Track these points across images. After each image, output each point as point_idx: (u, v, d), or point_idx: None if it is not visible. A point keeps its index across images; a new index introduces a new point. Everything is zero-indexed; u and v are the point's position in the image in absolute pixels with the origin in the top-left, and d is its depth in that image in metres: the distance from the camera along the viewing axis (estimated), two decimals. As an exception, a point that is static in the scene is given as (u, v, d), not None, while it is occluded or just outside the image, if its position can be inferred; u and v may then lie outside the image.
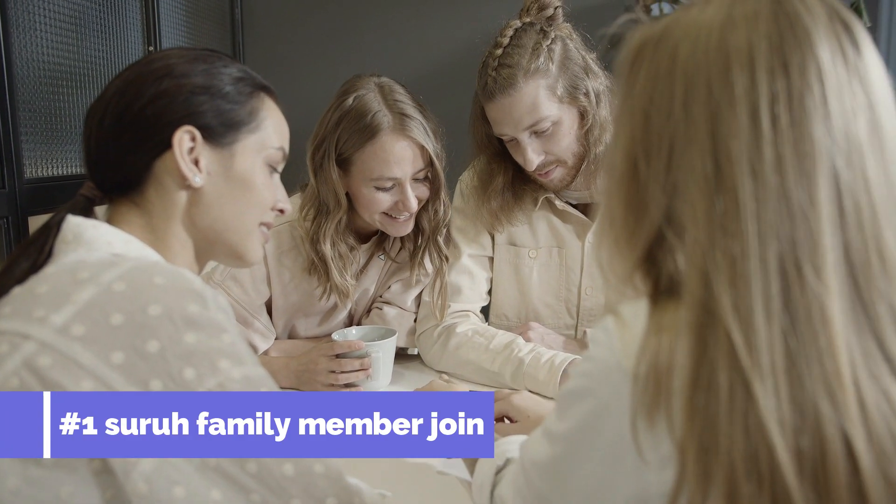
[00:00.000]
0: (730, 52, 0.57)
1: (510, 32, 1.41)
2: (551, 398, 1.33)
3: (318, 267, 1.46)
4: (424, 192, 1.45)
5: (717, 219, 0.55)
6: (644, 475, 0.59)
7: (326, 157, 1.40)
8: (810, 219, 0.54)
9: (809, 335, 0.53)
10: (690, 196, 0.57)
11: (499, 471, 0.87)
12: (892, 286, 0.56)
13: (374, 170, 1.39)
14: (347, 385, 1.39)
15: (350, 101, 1.39)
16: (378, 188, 1.41)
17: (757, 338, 0.53)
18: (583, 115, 1.44)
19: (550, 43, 1.40)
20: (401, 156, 1.38)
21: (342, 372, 1.37)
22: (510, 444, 0.91)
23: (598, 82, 1.44)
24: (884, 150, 0.57)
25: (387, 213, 1.44)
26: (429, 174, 1.45)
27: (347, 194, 1.45)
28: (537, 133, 1.41)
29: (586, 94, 1.42)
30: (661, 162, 0.59)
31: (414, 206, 1.42)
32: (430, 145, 1.41)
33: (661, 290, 0.61)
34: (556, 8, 1.44)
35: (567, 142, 1.44)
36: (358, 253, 1.53)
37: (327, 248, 1.44)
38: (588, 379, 0.63)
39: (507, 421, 1.15)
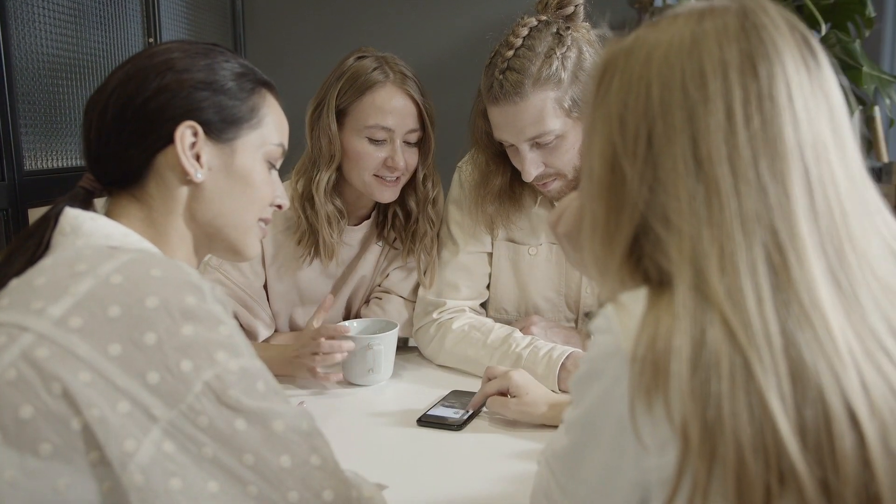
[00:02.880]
0: (703, 57, 0.61)
1: (524, 32, 1.34)
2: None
3: (306, 232, 1.47)
4: (414, 157, 1.47)
5: (701, 211, 0.59)
6: (644, 461, 0.60)
7: (326, 109, 1.43)
8: (787, 211, 0.58)
9: (803, 316, 0.57)
10: (674, 191, 0.61)
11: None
12: (868, 274, 0.59)
13: (369, 117, 1.41)
14: (343, 376, 1.39)
15: (352, 60, 1.45)
16: (370, 140, 1.42)
17: (751, 319, 0.56)
18: None
19: (566, 50, 1.32)
20: (396, 107, 1.42)
21: (325, 354, 1.34)
22: None
23: None
24: (844, 149, 0.62)
25: (376, 175, 1.45)
26: (420, 140, 1.47)
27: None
28: (539, 145, 1.36)
29: None
30: (641, 159, 0.63)
31: (402, 164, 1.44)
32: (426, 106, 1.45)
33: (653, 281, 0.63)
34: (577, 6, 1.37)
35: (569, 156, 1.38)
36: (345, 222, 1.52)
37: (318, 201, 1.44)
38: (592, 365, 0.64)
39: (510, 396, 1.21)
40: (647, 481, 0.61)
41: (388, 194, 1.47)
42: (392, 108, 1.42)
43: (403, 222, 1.56)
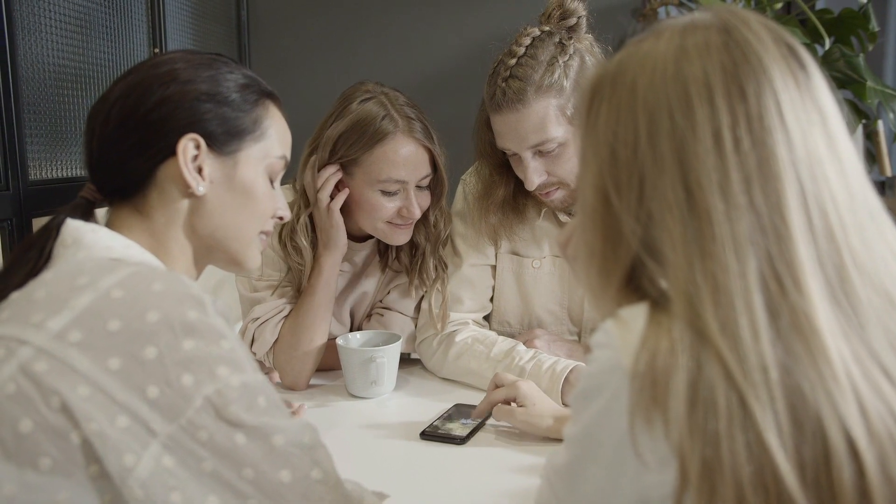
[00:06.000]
0: (687, 82, 0.59)
1: (526, 41, 1.35)
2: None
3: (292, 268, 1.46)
4: (426, 200, 1.45)
5: (693, 242, 0.58)
6: (644, 478, 0.59)
7: (325, 156, 1.40)
8: (782, 233, 0.57)
9: (801, 344, 0.55)
10: (666, 223, 0.59)
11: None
12: (870, 289, 0.58)
13: (382, 171, 1.38)
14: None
15: (355, 105, 1.39)
16: (383, 192, 1.40)
17: (747, 353, 0.55)
18: None
19: (568, 59, 1.33)
20: (409, 158, 1.39)
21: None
22: None
23: None
24: (841, 161, 0.60)
25: (388, 221, 1.43)
26: (431, 182, 1.45)
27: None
28: (542, 153, 1.36)
29: None
30: (633, 194, 0.61)
31: (417, 213, 1.42)
32: (436, 150, 1.42)
33: (652, 298, 0.62)
34: (579, 17, 1.38)
35: (572, 165, 1.38)
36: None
37: (301, 241, 1.42)
38: (592, 380, 0.63)
39: (513, 405, 1.21)
40: (647, 497, 0.60)
41: (402, 237, 1.46)
42: (404, 160, 1.38)
43: (410, 255, 1.54)
